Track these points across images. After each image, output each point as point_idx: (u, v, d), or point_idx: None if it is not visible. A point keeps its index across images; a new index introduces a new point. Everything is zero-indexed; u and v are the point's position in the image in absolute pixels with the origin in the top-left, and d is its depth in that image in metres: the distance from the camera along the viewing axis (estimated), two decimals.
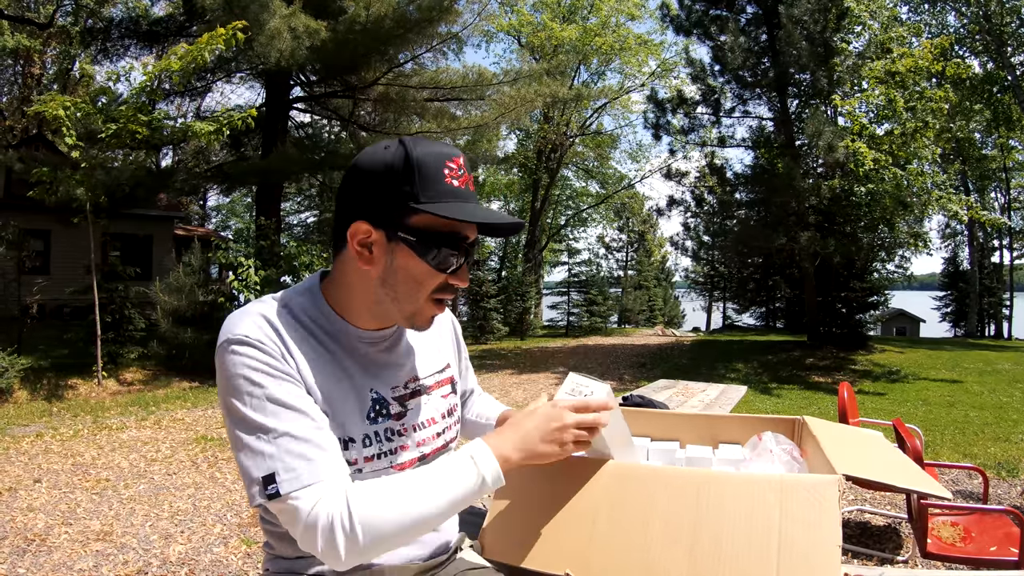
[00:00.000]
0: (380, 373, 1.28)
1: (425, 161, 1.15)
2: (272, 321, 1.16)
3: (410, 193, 1.15)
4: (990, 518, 3.31)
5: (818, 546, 1.16)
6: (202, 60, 9.84)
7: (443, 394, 1.41)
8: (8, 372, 9.50)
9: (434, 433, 1.35)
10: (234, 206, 38.50)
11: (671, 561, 1.21)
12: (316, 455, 1.07)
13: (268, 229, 12.33)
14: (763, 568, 1.15)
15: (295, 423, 1.08)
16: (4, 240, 12.29)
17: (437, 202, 1.15)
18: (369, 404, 1.24)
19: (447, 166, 1.17)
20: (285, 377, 1.11)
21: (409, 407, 1.31)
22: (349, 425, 1.20)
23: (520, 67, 18.16)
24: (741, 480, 1.28)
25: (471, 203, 1.20)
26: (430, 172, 1.15)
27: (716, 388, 5.87)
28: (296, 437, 1.07)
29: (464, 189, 1.19)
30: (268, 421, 1.07)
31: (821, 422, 1.77)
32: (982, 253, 31.38)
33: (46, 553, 4.17)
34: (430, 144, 1.19)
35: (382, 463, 1.25)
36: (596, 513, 1.31)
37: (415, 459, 1.30)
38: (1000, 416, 9.10)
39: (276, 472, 1.05)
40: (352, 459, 1.20)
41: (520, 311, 24.93)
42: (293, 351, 1.15)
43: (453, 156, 1.19)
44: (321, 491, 1.05)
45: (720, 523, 1.22)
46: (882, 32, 14.71)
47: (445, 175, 1.16)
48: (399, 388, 1.31)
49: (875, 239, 15.94)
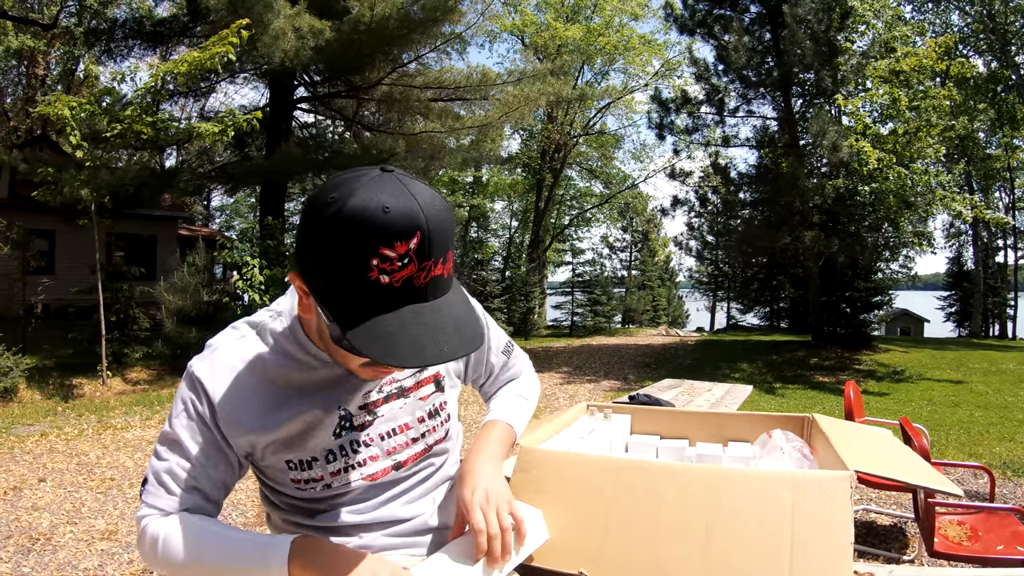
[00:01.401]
0: (351, 388, 1.23)
1: (349, 243, 0.91)
2: (235, 363, 1.20)
3: (324, 279, 0.96)
4: (997, 517, 3.31)
5: (830, 543, 1.15)
6: (212, 65, 9.84)
7: (422, 395, 1.33)
8: (13, 372, 9.51)
9: (408, 439, 1.31)
10: (238, 206, 38.58)
11: (684, 558, 1.21)
12: (175, 489, 1.17)
13: (273, 229, 12.33)
14: (775, 565, 1.15)
15: (179, 461, 1.17)
16: (9, 240, 12.28)
17: (352, 308, 0.95)
18: (337, 421, 1.23)
19: (380, 254, 0.91)
20: (199, 419, 1.18)
21: (379, 414, 1.27)
22: (313, 444, 1.22)
23: (524, 67, 18.17)
24: (753, 477, 1.27)
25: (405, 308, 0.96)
26: (351, 261, 0.92)
27: (722, 388, 5.86)
28: (171, 471, 1.17)
29: (399, 288, 0.94)
30: (162, 448, 1.19)
31: (831, 420, 1.77)
32: (986, 253, 31.29)
33: (51, 552, 4.18)
34: (374, 208, 0.91)
35: (351, 475, 1.25)
36: (608, 512, 1.31)
37: (388, 468, 1.29)
38: (1005, 416, 9.08)
39: (148, 481, 1.18)
40: (318, 476, 1.23)
41: (524, 311, 24.91)
42: (245, 395, 1.18)
43: (398, 239, 0.91)
44: (159, 515, 1.17)
45: (732, 520, 1.21)
46: (886, 31, 14.67)
47: (372, 267, 0.91)
48: (372, 393, 1.26)
49: (879, 239, 15.92)
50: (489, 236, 35.02)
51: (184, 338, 11.63)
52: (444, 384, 1.38)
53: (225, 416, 1.16)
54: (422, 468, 1.35)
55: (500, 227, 38.03)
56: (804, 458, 1.59)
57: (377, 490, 1.29)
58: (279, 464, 1.22)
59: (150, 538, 1.14)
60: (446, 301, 1.01)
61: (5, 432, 7.62)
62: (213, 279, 13.10)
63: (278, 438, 1.19)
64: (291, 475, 1.23)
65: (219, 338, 1.24)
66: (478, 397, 1.66)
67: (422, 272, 0.95)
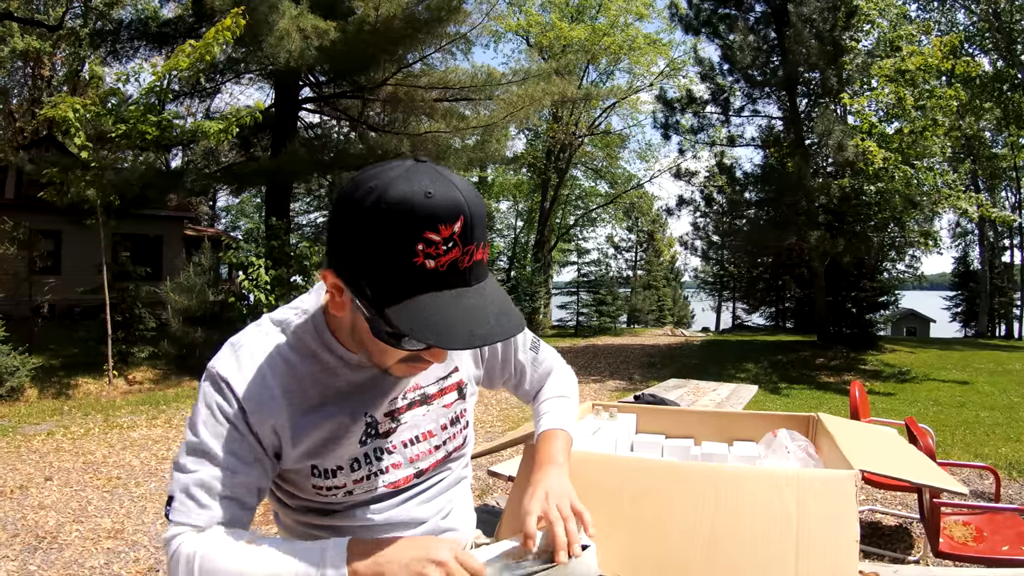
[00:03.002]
0: (377, 394, 1.22)
1: (393, 231, 0.92)
2: (261, 364, 1.14)
3: (367, 270, 0.96)
4: (1002, 517, 3.30)
5: (836, 541, 1.15)
6: (211, 56, 9.86)
7: (446, 403, 1.33)
8: (19, 371, 9.55)
9: (430, 447, 1.30)
10: (243, 207, 38.65)
11: (689, 556, 1.21)
12: (208, 502, 1.09)
13: (279, 229, 12.35)
14: (781, 563, 1.15)
15: (206, 470, 1.09)
16: (15, 240, 12.34)
17: (397, 292, 0.95)
18: (363, 428, 1.21)
19: (425, 239, 0.92)
20: (229, 423, 1.12)
21: (402, 421, 1.26)
22: (340, 452, 1.19)
23: (529, 67, 18.19)
24: (758, 475, 1.27)
25: (451, 291, 0.97)
26: (396, 248, 0.93)
27: (727, 387, 5.85)
28: (202, 482, 1.09)
29: (445, 271, 0.95)
30: (189, 459, 1.10)
31: (836, 419, 1.77)
32: (992, 252, 31.17)
33: (57, 551, 4.19)
34: (418, 195, 0.92)
35: (373, 483, 1.23)
36: (614, 509, 1.31)
37: (410, 476, 1.28)
38: (1011, 416, 9.04)
39: (175, 498, 1.09)
40: (341, 483, 1.20)
41: (529, 311, 24.90)
42: (276, 394, 1.13)
43: (442, 223, 0.92)
44: (192, 531, 1.08)
45: (738, 518, 1.21)
46: (891, 30, 14.65)
47: (418, 252, 0.92)
48: (397, 400, 1.25)
49: (885, 238, 15.88)
50: (494, 236, 35.00)
51: (190, 338, 11.67)
52: (466, 392, 1.38)
53: (255, 415, 1.12)
54: (440, 473, 1.34)
55: (505, 227, 38.10)
56: (809, 457, 1.58)
57: (395, 494, 1.28)
58: (304, 470, 1.19)
59: (185, 560, 1.05)
60: (487, 285, 1.02)
61: (12, 431, 7.65)
62: (219, 279, 13.14)
63: (306, 443, 1.16)
64: (313, 481, 1.20)
65: (242, 336, 1.18)
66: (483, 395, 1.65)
67: (466, 256, 0.96)
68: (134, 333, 11.82)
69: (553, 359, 1.61)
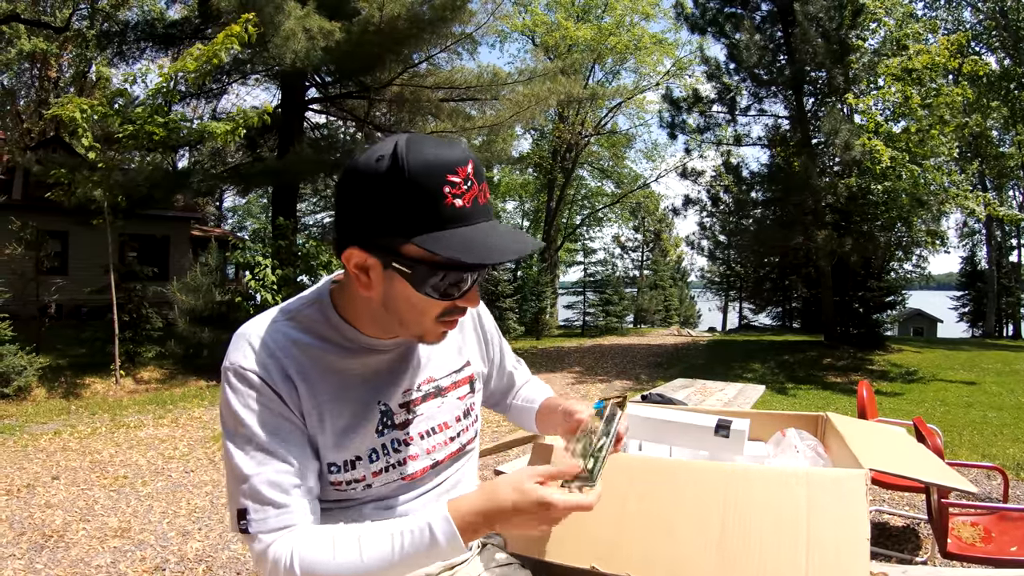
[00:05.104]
0: (391, 382, 1.24)
1: (420, 180, 1.00)
2: (273, 349, 1.14)
3: (403, 222, 1.02)
4: (1011, 518, 3.28)
5: (846, 540, 1.14)
6: (218, 60, 9.89)
7: (460, 395, 1.35)
8: (27, 371, 9.58)
9: (446, 438, 1.31)
10: (250, 207, 38.71)
11: (699, 554, 1.20)
12: (284, 500, 1.09)
13: (286, 229, 12.37)
14: (792, 562, 1.14)
15: (270, 466, 1.09)
16: (23, 241, 12.37)
17: (435, 231, 1.01)
18: (378, 417, 1.22)
19: (449, 181, 1.01)
20: (270, 411, 1.11)
21: (418, 413, 1.27)
22: (358, 442, 1.19)
23: (534, 66, 18.10)
24: (768, 474, 1.27)
25: (480, 223, 1.05)
26: (427, 194, 1.00)
27: (734, 387, 5.83)
28: (270, 481, 1.08)
29: (471, 208, 1.04)
30: (247, 463, 1.09)
31: (845, 418, 1.76)
32: (1000, 252, 31.03)
33: (64, 549, 4.20)
34: (430, 149, 1.02)
35: (391, 475, 1.23)
36: (622, 507, 1.30)
37: (427, 467, 1.28)
38: (1019, 417, 9.00)
39: (248, 510, 1.08)
40: (360, 476, 1.20)
41: (536, 311, 24.87)
42: (294, 377, 1.13)
43: (457, 166, 1.02)
44: (280, 534, 1.08)
45: (748, 517, 1.21)
46: (898, 29, 14.62)
47: (446, 194, 1.01)
48: (411, 392, 1.26)
49: (892, 238, 15.84)
50: None
51: (197, 338, 11.70)
52: (476, 387, 1.41)
53: (288, 396, 1.12)
54: (454, 464, 1.35)
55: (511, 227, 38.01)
56: (818, 456, 1.58)
57: (411, 487, 1.27)
58: (322, 468, 1.18)
59: (285, 564, 1.04)
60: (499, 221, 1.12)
61: (19, 430, 7.68)
62: (225, 279, 13.17)
63: (328, 429, 1.16)
64: (332, 478, 1.19)
65: (248, 325, 1.18)
66: None
67: (481, 193, 1.06)
68: (141, 333, 11.85)
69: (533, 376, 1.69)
